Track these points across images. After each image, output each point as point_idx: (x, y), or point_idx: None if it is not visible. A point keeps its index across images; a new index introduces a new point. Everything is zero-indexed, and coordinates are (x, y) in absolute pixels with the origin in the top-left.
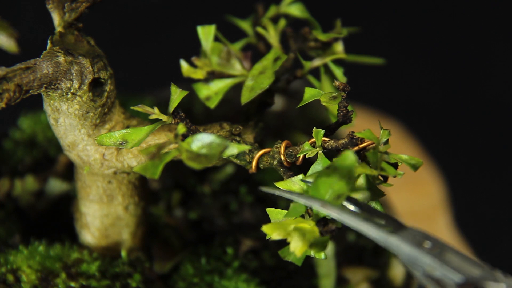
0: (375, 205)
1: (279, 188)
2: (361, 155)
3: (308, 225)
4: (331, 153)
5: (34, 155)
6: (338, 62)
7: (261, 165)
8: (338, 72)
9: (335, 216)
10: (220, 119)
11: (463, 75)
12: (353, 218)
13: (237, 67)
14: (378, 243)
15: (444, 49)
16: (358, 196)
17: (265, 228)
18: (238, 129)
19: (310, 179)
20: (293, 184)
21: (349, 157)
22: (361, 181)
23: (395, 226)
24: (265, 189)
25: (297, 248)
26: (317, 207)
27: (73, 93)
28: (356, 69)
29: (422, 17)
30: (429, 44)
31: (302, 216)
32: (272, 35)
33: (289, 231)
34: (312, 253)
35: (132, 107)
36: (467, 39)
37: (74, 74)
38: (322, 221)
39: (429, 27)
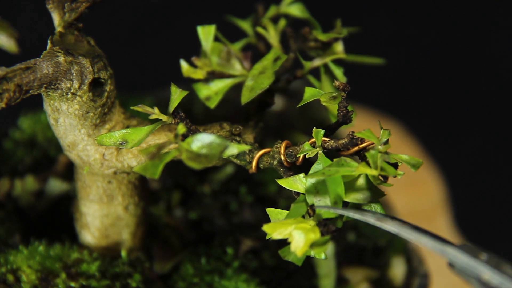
0: (375, 205)
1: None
2: (361, 155)
3: (309, 225)
4: (331, 153)
5: (34, 155)
6: (338, 62)
7: (261, 165)
8: (338, 72)
9: (395, 231)
10: (220, 119)
11: (463, 75)
12: (412, 231)
13: (237, 67)
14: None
15: (444, 49)
16: (358, 196)
17: (266, 228)
18: (238, 129)
19: (311, 179)
20: (295, 183)
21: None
22: (361, 181)
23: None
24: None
25: (298, 248)
26: (372, 222)
27: (73, 93)
28: (356, 69)
29: (422, 17)
30: (429, 44)
31: (303, 217)
32: (272, 35)
33: (290, 231)
34: (313, 253)
35: (132, 107)
36: (467, 39)
37: (74, 74)
38: (323, 222)
39: (429, 27)
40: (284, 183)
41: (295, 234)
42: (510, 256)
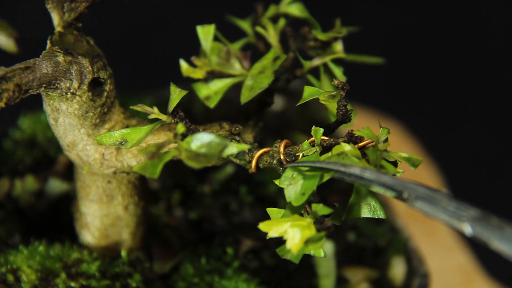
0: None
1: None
2: (361, 153)
3: (305, 222)
4: None
5: (34, 155)
6: (337, 61)
7: (261, 165)
8: (337, 71)
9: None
10: (219, 118)
11: (463, 75)
12: (375, 174)
13: (236, 67)
14: (394, 188)
15: (444, 49)
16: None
17: (262, 226)
18: (237, 128)
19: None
20: None
21: None
22: None
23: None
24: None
25: (293, 245)
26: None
27: (72, 93)
28: (356, 69)
29: (422, 17)
30: (429, 44)
31: (301, 215)
32: (272, 35)
33: (285, 229)
34: (312, 252)
35: (131, 107)
36: (467, 39)
37: (74, 74)
38: (320, 219)
39: (429, 27)
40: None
41: (290, 231)
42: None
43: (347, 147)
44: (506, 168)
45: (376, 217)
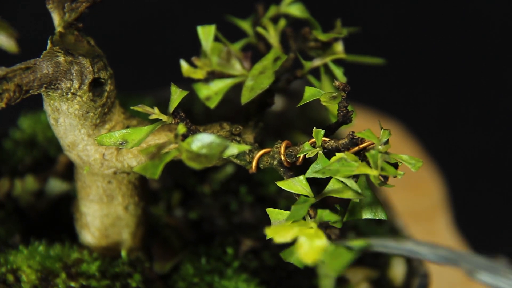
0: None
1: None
2: (361, 155)
3: (310, 227)
4: (331, 153)
5: (34, 155)
6: (338, 62)
7: (261, 165)
8: (338, 72)
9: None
10: (220, 119)
11: (463, 75)
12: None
13: (237, 67)
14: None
15: (444, 49)
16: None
17: (268, 232)
18: (238, 129)
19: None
20: (294, 184)
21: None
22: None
23: None
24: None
25: (307, 256)
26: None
27: (73, 93)
28: (356, 69)
29: (422, 17)
30: (429, 44)
31: (304, 218)
32: (272, 35)
33: (292, 235)
34: (324, 261)
35: (132, 107)
36: (467, 40)
37: (74, 74)
38: (324, 224)
39: (429, 27)
40: (284, 185)
41: (301, 241)
42: (510, 256)
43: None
44: (506, 168)
45: (377, 218)
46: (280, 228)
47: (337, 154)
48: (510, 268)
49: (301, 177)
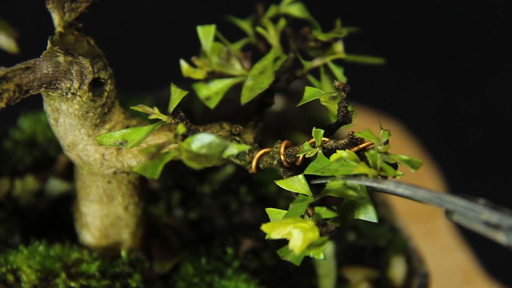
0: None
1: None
2: (361, 155)
3: (308, 225)
4: (330, 153)
5: (34, 155)
6: (338, 62)
7: (261, 165)
8: (338, 72)
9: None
10: (220, 119)
11: (463, 75)
12: (410, 188)
13: (237, 67)
14: (432, 203)
15: (444, 49)
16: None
17: (265, 227)
18: (238, 129)
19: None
20: (294, 183)
21: None
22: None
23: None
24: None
25: (296, 246)
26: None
27: (73, 93)
28: (356, 69)
29: (422, 17)
30: (429, 44)
31: (302, 217)
32: (272, 35)
33: (288, 231)
34: (312, 253)
35: (132, 107)
36: (467, 40)
37: (74, 74)
38: (322, 222)
39: (429, 27)
40: (283, 184)
41: (294, 233)
42: (510, 256)
43: (344, 153)
44: (506, 168)
45: (368, 219)
46: (277, 224)
47: (337, 151)
48: (490, 210)
49: (300, 176)
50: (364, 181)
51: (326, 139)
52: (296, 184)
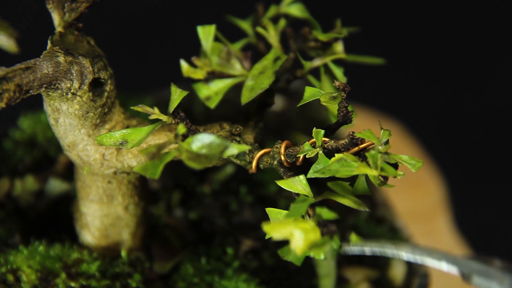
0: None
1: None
2: (361, 155)
3: (309, 225)
4: (331, 153)
5: (34, 155)
6: (338, 62)
7: (261, 165)
8: (338, 72)
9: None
10: (220, 119)
11: (463, 75)
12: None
13: (237, 67)
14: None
15: (444, 49)
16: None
17: (266, 227)
18: (238, 129)
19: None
20: (294, 184)
21: None
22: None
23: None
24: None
25: (297, 247)
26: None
27: (73, 93)
28: (356, 69)
29: (422, 17)
30: (429, 44)
31: (303, 217)
32: (272, 35)
33: (290, 231)
34: (312, 254)
35: (132, 107)
36: (467, 40)
37: (74, 74)
38: (323, 222)
39: (429, 27)
40: (284, 184)
41: (295, 233)
42: (510, 256)
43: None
44: (506, 169)
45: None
46: (278, 224)
47: (336, 155)
48: (503, 272)
49: (301, 176)
50: (385, 249)
51: (327, 139)
52: (296, 184)
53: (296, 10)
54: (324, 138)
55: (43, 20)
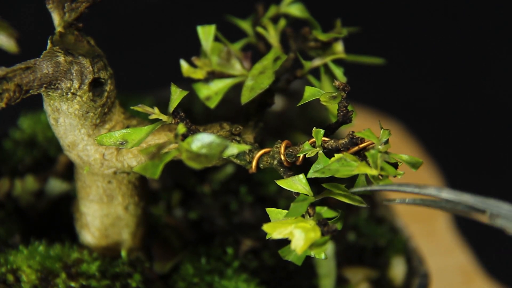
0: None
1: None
2: (361, 155)
3: (309, 225)
4: (331, 153)
5: (34, 155)
6: (338, 62)
7: (261, 165)
8: (338, 72)
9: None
10: (220, 119)
11: (463, 75)
12: (454, 193)
13: (237, 67)
14: (476, 207)
15: (444, 49)
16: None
17: (266, 227)
18: (238, 129)
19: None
20: (294, 183)
21: None
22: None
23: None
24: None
25: (298, 247)
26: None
27: (73, 93)
28: (356, 69)
29: (422, 17)
30: (429, 44)
31: (303, 216)
32: (272, 35)
33: (290, 230)
34: (313, 253)
35: (132, 107)
36: (467, 39)
37: (74, 74)
38: (323, 221)
39: (429, 27)
40: (284, 183)
41: (295, 233)
42: (510, 256)
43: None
44: (506, 168)
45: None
46: (278, 224)
47: (336, 155)
48: None
49: (301, 175)
50: (405, 188)
51: (327, 139)
52: (296, 183)
53: (296, 10)
54: (324, 138)
55: (43, 20)
